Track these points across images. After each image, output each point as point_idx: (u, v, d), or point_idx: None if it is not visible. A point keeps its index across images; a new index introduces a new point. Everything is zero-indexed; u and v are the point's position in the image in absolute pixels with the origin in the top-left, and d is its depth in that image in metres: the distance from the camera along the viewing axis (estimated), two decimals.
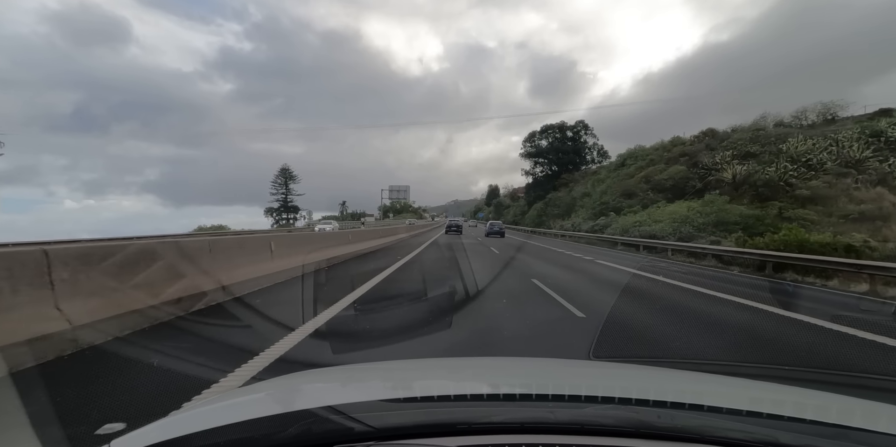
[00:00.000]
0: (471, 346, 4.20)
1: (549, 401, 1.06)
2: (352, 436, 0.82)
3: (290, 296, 6.60)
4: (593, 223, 31.63)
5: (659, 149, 39.63)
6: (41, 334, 3.40)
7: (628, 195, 33.49)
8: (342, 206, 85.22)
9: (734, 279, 10.88)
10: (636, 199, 32.05)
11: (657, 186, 31.86)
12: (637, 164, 39.27)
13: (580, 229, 32.77)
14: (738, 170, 27.01)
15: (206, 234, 25.19)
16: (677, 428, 0.87)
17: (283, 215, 70.41)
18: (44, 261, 3.68)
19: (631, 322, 5.38)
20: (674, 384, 1.45)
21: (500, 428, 0.87)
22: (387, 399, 1.09)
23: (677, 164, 32.77)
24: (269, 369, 3.37)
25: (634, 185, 33.93)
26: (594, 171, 53.67)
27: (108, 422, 2.44)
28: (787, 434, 0.85)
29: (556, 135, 62.29)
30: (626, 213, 29.99)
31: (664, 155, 36.74)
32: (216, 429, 0.87)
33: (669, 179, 31.29)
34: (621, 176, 38.83)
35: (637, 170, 37.50)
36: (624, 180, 36.80)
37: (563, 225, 38.34)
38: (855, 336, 5.07)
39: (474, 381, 1.46)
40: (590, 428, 0.87)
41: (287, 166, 75.17)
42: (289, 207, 72.03)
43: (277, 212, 71.91)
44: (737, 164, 27.70)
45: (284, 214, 70.40)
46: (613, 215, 30.73)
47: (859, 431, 0.91)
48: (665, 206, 27.09)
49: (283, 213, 70.78)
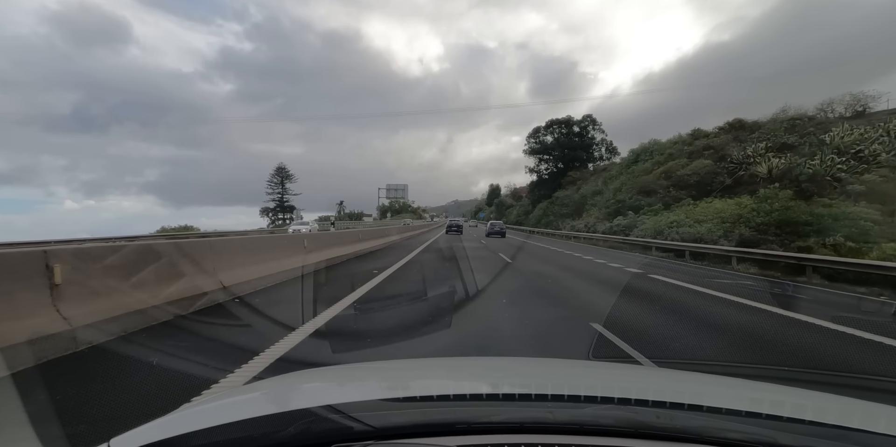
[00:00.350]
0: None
1: (548, 401, 1.06)
2: (351, 435, 0.82)
3: None
4: (610, 223, 29.38)
5: (678, 142, 36.13)
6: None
7: (647, 193, 30.71)
8: (340, 206, 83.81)
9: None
10: (656, 197, 29.28)
11: (679, 183, 28.88)
12: (653, 159, 36.28)
13: (595, 230, 30.39)
14: (774, 163, 23.39)
15: (165, 236, 24.26)
16: (676, 428, 0.87)
17: (280, 215, 69.08)
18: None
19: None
20: (673, 384, 1.45)
21: (499, 428, 0.87)
22: (386, 398, 1.09)
23: (701, 158, 29.63)
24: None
25: (653, 182, 31.25)
26: (604, 167, 50.54)
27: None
28: (786, 434, 0.85)
29: (563, 130, 58.29)
30: (647, 211, 27.48)
31: (684, 149, 33.73)
32: (215, 428, 0.87)
33: (693, 175, 28.35)
34: (637, 172, 36.11)
35: (654, 165, 34.51)
36: (640, 177, 34.11)
37: (574, 225, 35.99)
38: None
39: (473, 381, 1.47)
40: (589, 428, 0.87)
41: (283, 165, 73.56)
42: (285, 207, 70.42)
43: (273, 212, 70.41)
44: (773, 157, 23.94)
45: (280, 214, 69.11)
46: (632, 214, 28.16)
47: (858, 432, 0.91)
48: (708, 203, 23.16)
49: (280, 213, 69.38)
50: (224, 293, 5.90)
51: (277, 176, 72.19)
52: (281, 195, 70.95)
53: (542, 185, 58.85)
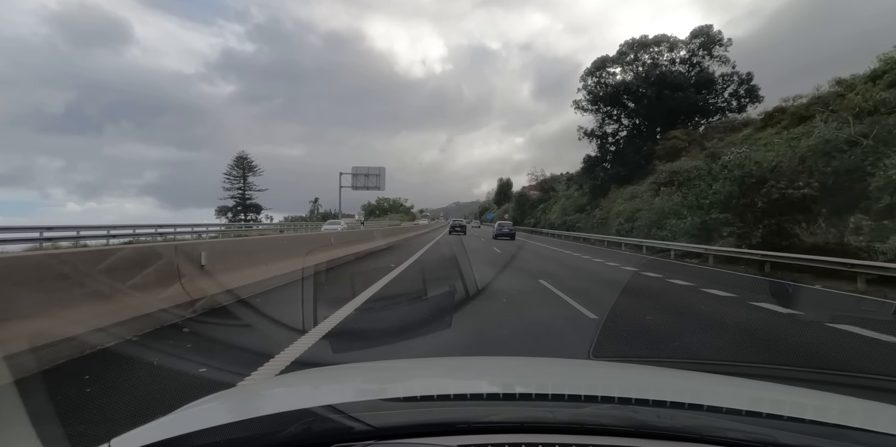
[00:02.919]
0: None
1: (548, 400, 1.06)
2: (352, 435, 0.82)
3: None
4: None
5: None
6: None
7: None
8: (314, 204, 71.82)
9: None
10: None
11: None
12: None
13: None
14: None
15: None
16: (677, 427, 0.87)
17: (242, 216, 56.31)
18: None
19: None
20: (673, 384, 1.45)
21: (499, 427, 0.87)
22: (387, 398, 1.09)
23: None
24: None
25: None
26: (744, 122, 28.57)
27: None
28: (787, 434, 0.85)
29: (654, 59, 33.49)
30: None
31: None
32: (216, 428, 0.87)
33: None
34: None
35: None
36: None
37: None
38: None
39: (474, 381, 1.47)
40: (589, 427, 0.87)
41: (245, 154, 58.42)
42: (247, 205, 57.13)
43: (233, 211, 57.12)
44: None
45: (243, 215, 56.63)
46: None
47: (859, 431, 0.91)
48: None
49: (241, 213, 56.72)
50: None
51: (238, 167, 57.99)
52: (242, 191, 57.86)
53: (609, 157, 35.21)
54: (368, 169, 39.99)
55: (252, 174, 58.33)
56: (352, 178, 39.61)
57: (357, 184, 39.68)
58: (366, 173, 39.75)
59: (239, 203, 57.24)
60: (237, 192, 57.42)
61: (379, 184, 40.03)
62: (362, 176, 39.72)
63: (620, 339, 4.66)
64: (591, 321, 5.38)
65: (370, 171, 39.96)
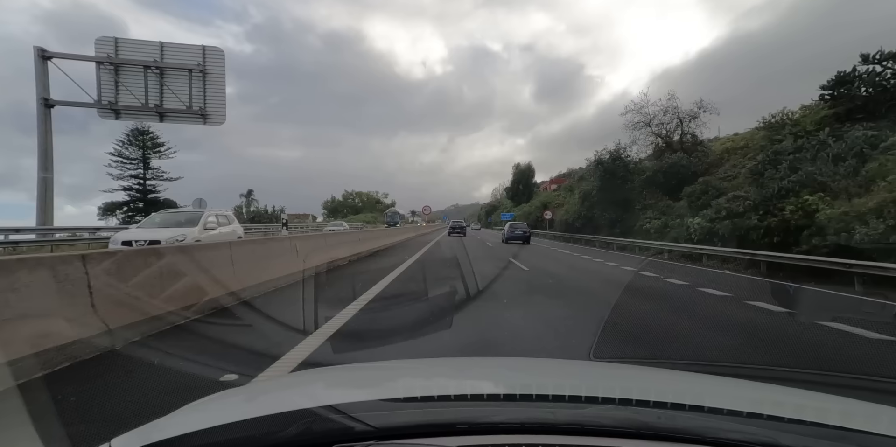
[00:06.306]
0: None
1: (549, 401, 1.06)
2: (352, 435, 0.82)
3: None
4: None
5: None
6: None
7: None
8: (246, 197, 55.58)
9: None
10: None
11: None
12: None
13: None
14: None
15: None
16: (678, 429, 0.87)
17: (136, 215, 34.51)
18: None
19: None
20: (674, 385, 1.45)
21: (500, 428, 0.87)
22: (387, 398, 1.09)
23: None
24: None
25: None
26: None
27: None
28: (788, 435, 0.85)
29: None
30: None
31: None
32: (216, 428, 0.87)
33: None
34: None
35: None
36: None
37: None
38: None
39: (475, 381, 1.46)
40: (590, 428, 0.87)
41: (146, 127, 36.39)
42: (148, 200, 37.25)
43: (127, 208, 37.91)
44: None
45: (139, 212, 34.88)
46: None
47: (860, 433, 0.91)
48: None
49: (137, 210, 36.65)
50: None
51: (135, 144, 37.60)
52: (143, 179, 38.33)
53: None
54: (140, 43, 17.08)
55: (156, 156, 38.54)
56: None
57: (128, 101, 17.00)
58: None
59: (135, 198, 38.24)
60: (134, 182, 38.25)
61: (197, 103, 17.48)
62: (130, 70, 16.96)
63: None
64: None
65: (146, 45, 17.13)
